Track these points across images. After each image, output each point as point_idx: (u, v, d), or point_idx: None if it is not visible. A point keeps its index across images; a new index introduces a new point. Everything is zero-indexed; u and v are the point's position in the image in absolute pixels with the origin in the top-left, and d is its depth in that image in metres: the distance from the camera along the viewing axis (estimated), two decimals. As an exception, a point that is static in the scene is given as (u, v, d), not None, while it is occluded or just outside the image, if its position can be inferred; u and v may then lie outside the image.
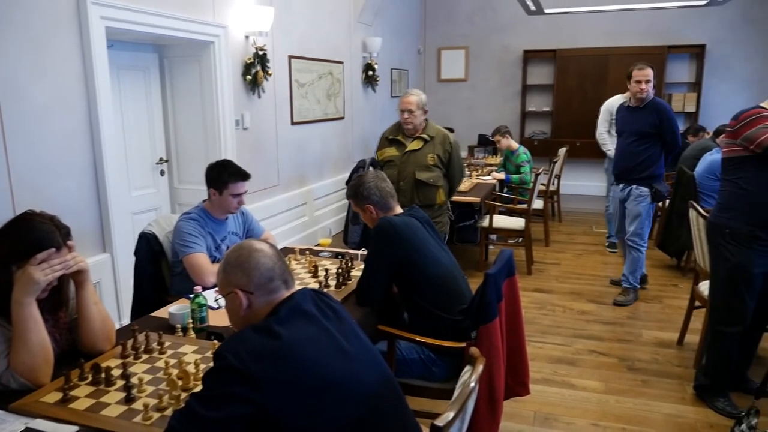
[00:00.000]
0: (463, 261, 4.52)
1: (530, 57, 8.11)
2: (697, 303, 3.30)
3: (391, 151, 3.60)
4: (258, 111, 4.72)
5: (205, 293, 2.09)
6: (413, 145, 3.54)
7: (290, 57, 5.12)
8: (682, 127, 6.94)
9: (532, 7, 5.77)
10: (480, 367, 1.38)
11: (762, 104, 2.62)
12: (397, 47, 7.63)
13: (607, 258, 5.31)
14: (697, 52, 7.45)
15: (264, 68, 4.58)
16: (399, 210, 2.34)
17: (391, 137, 3.64)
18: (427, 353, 2.22)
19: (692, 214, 3.25)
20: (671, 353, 3.41)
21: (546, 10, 6.08)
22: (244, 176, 2.62)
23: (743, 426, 2.35)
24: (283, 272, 1.42)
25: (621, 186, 4.09)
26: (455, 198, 4.56)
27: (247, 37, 4.47)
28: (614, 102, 5.10)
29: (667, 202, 5.07)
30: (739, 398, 2.81)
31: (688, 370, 3.16)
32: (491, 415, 2.10)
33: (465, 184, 4.92)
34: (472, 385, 1.30)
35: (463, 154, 7.69)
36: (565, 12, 6.87)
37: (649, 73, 3.81)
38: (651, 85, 3.84)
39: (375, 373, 1.39)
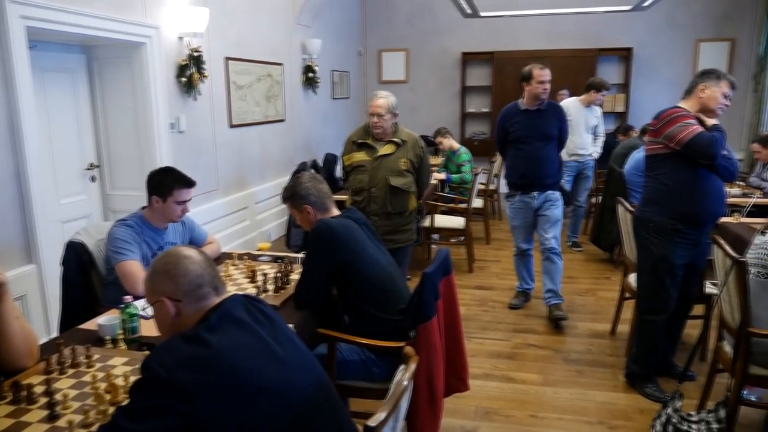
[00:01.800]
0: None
1: (469, 59, 8.28)
2: (627, 294, 3.46)
3: (361, 156, 3.36)
4: (194, 114, 4.61)
5: (136, 303, 2.03)
6: (385, 150, 3.33)
7: (227, 58, 5.02)
8: (612, 126, 7.26)
9: (468, 10, 5.89)
10: (413, 366, 1.40)
11: (680, 104, 2.78)
12: (337, 49, 7.62)
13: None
14: (625, 55, 7.80)
15: (199, 70, 4.48)
16: (336, 212, 2.34)
17: (360, 141, 3.39)
18: (367, 354, 2.23)
19: (620, 209, 3.40)
20: (604, 343, 3.56)
21: (482, 14, 6.22)
22: (189, 183, 2.55)
23: (669, 409, 2.47)
24: (213, 278, 1.40)
25: (535, 194, 3.78)
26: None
27: (180, 38, 4.35)
28: (569, 104, 5.28)
29: (600, 198, 5.29)
30: (666, 383, 2.96)
31: (620, 359, 3.30)
32: (432, 412, 2.13)
33: (406, 185, 4.95)
34: (405, 383, 1.32)
35: (406, 155, 7.76)
36: (500, 15, 7.04)
37: (548, 73, 3.66)
38: (549, 86, 3.69)
39: (309, 377, 1.38)
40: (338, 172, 5.85)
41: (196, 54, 4.42)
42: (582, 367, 3.27)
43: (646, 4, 5.75)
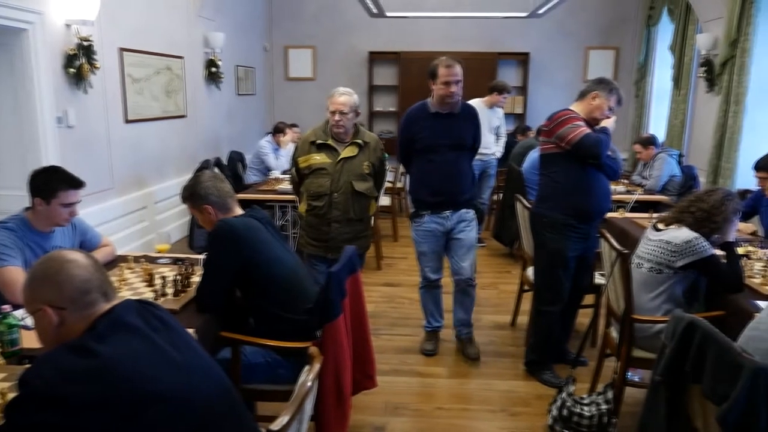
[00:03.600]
0: (314, 260, 4.54)
1: (375, 58, 8.35)
2: (525, 287, 3.64)
3: (321, 158, 3.11)
4: (85, 107, 4.31)
5: (15, 312, 1.86)
6: (348, 152, 3.12)
7: (121, 49, 4.74)
8: (511, 127, 7.61)
9: (374, 10, 5.93)
10: (317, 366, 1.39)
11: (572, 106, 2.96)
12: (242, 44, 7.41)
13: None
14: (523, 59, 8.19)
15: (90, 61, 4.19)
16: (239, 211, 2.27)
17: (319, 142, 3.13)
18: (273, 356, 2.19)
19: (518, 206, 3.57)
20: (506, 334, 3.73)
21: (388, 14, 6.29)
22: (76, 184, 2.37)
23: (563, 394, 2.63)
24: (101, 284, 1.31)
25: (448, 213, 3.20)
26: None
27: (68, 25, 4.04)
28: (473, 105, 5.45)
29: (501, 195, 5.53)
30: (562, 369, 3.15)
31: (520, 348, 3.47)
32: (340, 411, 2.13)
33: (314, 183, 4.91)
34: (309, 384, 1.30)
35: (314, 153, 7.71)
36: (405, 16, 7.16)
37: (459, 71, 3.08)
38: (461, 86, 3.12)
39: (210, 382, 1.33)
40: (272, 168, 5.69)
41: (86, 43, 4.13)
42: (486, 358, 3.40)
43: (541, 11, 6.07)
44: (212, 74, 6.45)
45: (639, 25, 7.88)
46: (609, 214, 3.59)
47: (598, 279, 3.30)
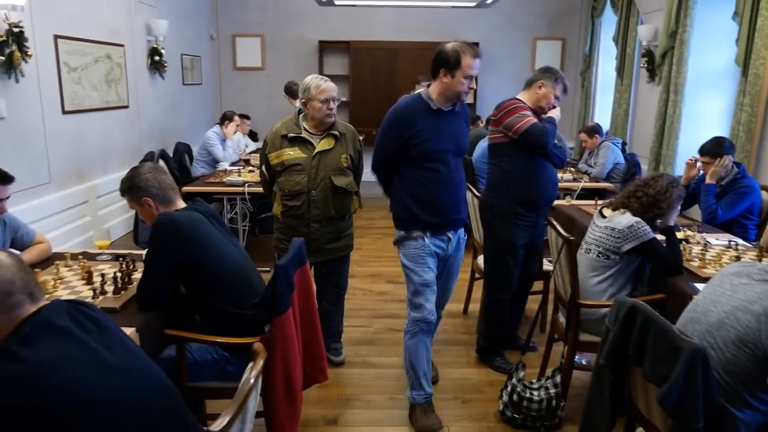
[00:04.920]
0: (266, 252, 4.46)
1: (326, 48, 8.25)
2: (476, 275, 3.67)
3: (295, 153, 2.85)
4: (18, 98, 4.08)
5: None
6: (324, 145, 2.88)
7: (56, 37, 4.50)
8: (463, 116, 7.66)
9: (323, -2, 5.84)
10: (260, 363, 1.35)
11: (519, 96, 2.99)
12: (187, 32, 7.18)
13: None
14: (472, 49, 8.25)
15: (21, 48, 3.96)
16: (181, 204, 2.19)
17: (291, 135, 2.87)
18: (220, 353, 2.13)
19: (468, 195, 3.59)
20: (458, 322, 3.76)
21: (336, 2, 6.21)
22: (3, 179, 2.23)
23: (513, 380, 2.67)
24: (26, 284, 1.23)
25: (450, 235, 2.62)
26: (254, 189, 4.46)
27: (-5, 10, 3.81)
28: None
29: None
30: (512, 355, 3.20)
31: (472, 336, 3.50)
32: (291, 406, 2.10)
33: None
34: (252, 381, 1.26)
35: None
36: (354, 5, 7.09)
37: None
38: None
39: (147, 384, 1.28)
40: (220, 159, 5.52)
41: (16, 30, 3.90)
42: (438, 346, 3.41)
43: (489, 1, 6.12)
44: (156, 63, 6.22)
45: (584, 16, 8.06)
46: (556, 202, 3.66)
47: (547, 266, 3.36)
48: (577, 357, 2.72)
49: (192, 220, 2.07)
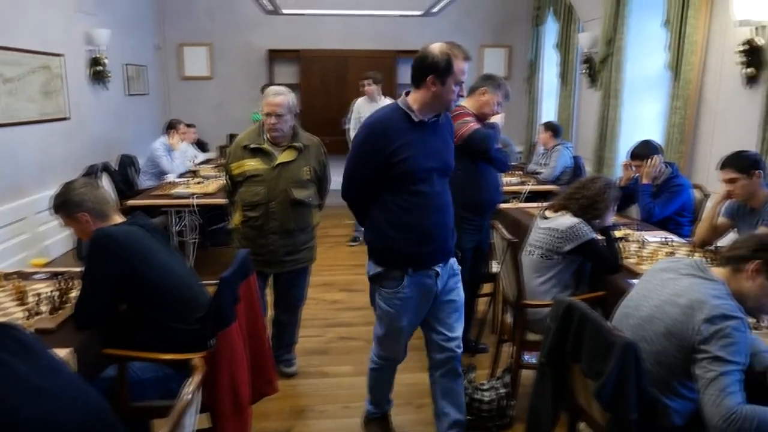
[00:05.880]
0: (218, 265, 4.38)
1: (275, 56, 8.20)
2: (427, 280, 3.70)
3: (255, 164, 2.84)
4: (-55, 111, 3.90)
5: None
6: (285, 156, 2.86)
7: (-13, 47, 4.33)
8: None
9: (269, 7, 5.82)
10: (198, 378, 1.33)
11: (462, 102, 3.05)
12: (131, 41, 7.01)
13: (355, 247, 5.67)
14: (421, 57, 8.36)
15: (-51, 60, 3.79)
16: (119, 219, 2.13)
17: (253, 146, 2.85)
18: (164, 370, 2.08)
19: (417, 201, 3.63)
20: (411, 328, 3.78)
21: (284, 11, 6.19)
22: None
23: (464, 382, 2.70)
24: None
25: (439, 268, 2.28)
26: (204, 201, 4.38)
27: None
28: (361, 103, 5.56)
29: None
30: (463, 357, 3.21)
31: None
32: (239, 420, 2.07)
33: (213, 185, 4.75)
34: (189, 397, 1.24)
35: (213, 154, 7.46)
36: (302, 14, 7.08)
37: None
38: None
39: (80, 407, 1.24)
40: (167, 171, 5.37)
41: (-58, 40, 3.74)
42: (391, 352, 3.43)
43: (435, 10, 6.23)
44: (97, 73, 6.06)
45: (528, 24, 8.28)
46: (502, 205, 3.74)
47: (495, 268, 3.43)
48: (527, 356, 2.78)
49: (130, 234, 2.02)
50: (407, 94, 2.20)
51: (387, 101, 5.64)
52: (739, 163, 2.72)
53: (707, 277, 1.72)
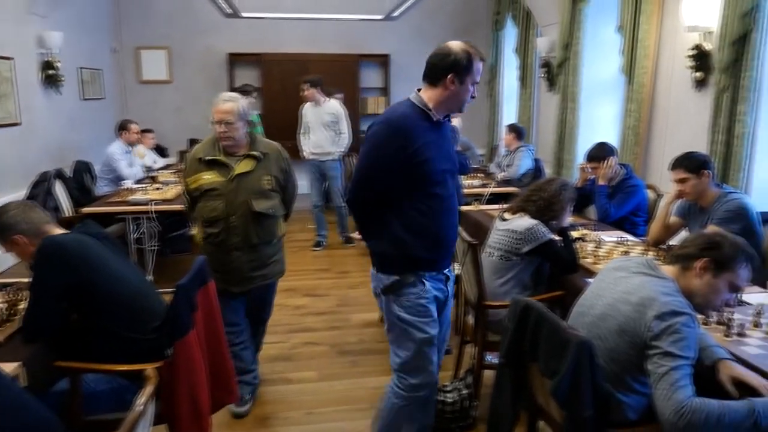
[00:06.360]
0: (178, 273, 4.28)
1: (235, 60, 8.11)
2: (391, 283, 3.71)
3: (212, 177, 2.68)
4: None
5: None
6: (243, 167, 2.70)
7: (-70, 50, 4.15)
8: (376, 127, 7.75)
9: (228, 10, 5.75)
10: (150, 389, 1.30)
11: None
12: (85, 44, 6.81)
13: (318, 252, 5.64)
14: (383, 61, 8.39)
15: None
16: (58, 231, 2.07)
17: (208, 158, 2.70)
18: (119, 381, 2.03)
19: (379, 205, 3.64)
20: (375, 331, 3.78)
21: (243, 14, 6.13)
22: None
23: (428, 384, 2.71)
24: None
25: (447, 274, 2.25)
26: (163, 207, 4.30)
27: None
28: (307, 108, 5.59)
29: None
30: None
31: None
32: (198, 430, 2.03)
33: (172, 191, 4.66)
34: (140, 408, 1.21)
35: (173, 159, 7.32)
36: (262, 17, 7.02)
37: None
38: None
39: (22, 420, 1.19)
40: (124, 177, 5.24)
41: None
42: (355, 357, 3.43)
43: (395, 14, 6.25)
44: (50, 77, 5.85)
45: (488, 29, 8.40)
46: (464, 208, 3.77)
47: (457, 270, 3.45)
48: (489, 357, 2.81)
49: (80, 242, 1.97)
50: (419, 91, 2.13)
51: (333, 102, 5.63)
52: (688, 163, 2.81)
53: (657, 275, 1.77)
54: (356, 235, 2.47)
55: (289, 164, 2.89)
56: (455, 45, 2.05)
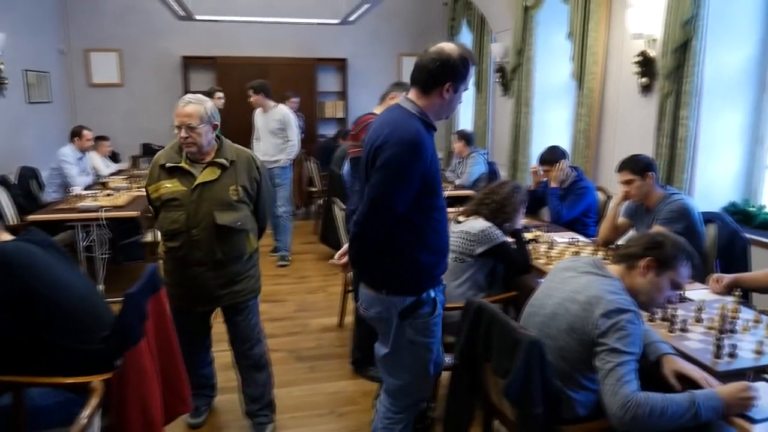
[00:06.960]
0: (131, 281, 4.15)
1: (190, 63, 7.97)
2: (349, 287, 3.71)
3: (173, 186, 2.46)
4: None
5: None
6: (206, 175, 2.46)
7: None
8: (332, 132, 7.75)
9: (181, 13, 5.65)
10: (95, 401, 1.26)
11: (374, 110, 3.09)
12: (31, 46, 6.58)
13: (276, 257, 5.58)
14: (340, 65, 8.40)
15: None
16: (7, 237, 1.99)
17: (170, 165, 2.47)
18: (66, 395, 1.95)
19: (335, 208, 3.64)
20: (333, 336, 3.77)
21: (197, 17, 6.03)
22: None
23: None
24: None
25: (444, 282, 2.20)
26: (113, 214, 4.18)
27: None
28: (257, 114, 5.50)
29: (325, 199, 5.60)
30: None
31: (347, 349, 3.53)
32: (150, 442, 1.98)
33: (123, 197, 4.54)
34: (84, 422, 1.18)
35: (125, 165, 7.13)
36: (217, 20, 6.93)
37: None
38: None
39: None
40: (74, 183, 5.05)
41: None
42: (313, 362, 3.41)
43: (351, 18, 6.27)
44: (-8, 80, 5.64)
45: (444, 34, 8.51)
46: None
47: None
48: (448, 359, 2.84)
49: (22, 250, 1.89)
50: (406, 96, 2.03)
51: (280, 108, 5.44)
52: (633, 165, 2.92)
53: (604, 274, 1.83)
54: (335, 260, 2.32)
55: (263, 173, 2.64)
56: (452, 49, 1.91)
